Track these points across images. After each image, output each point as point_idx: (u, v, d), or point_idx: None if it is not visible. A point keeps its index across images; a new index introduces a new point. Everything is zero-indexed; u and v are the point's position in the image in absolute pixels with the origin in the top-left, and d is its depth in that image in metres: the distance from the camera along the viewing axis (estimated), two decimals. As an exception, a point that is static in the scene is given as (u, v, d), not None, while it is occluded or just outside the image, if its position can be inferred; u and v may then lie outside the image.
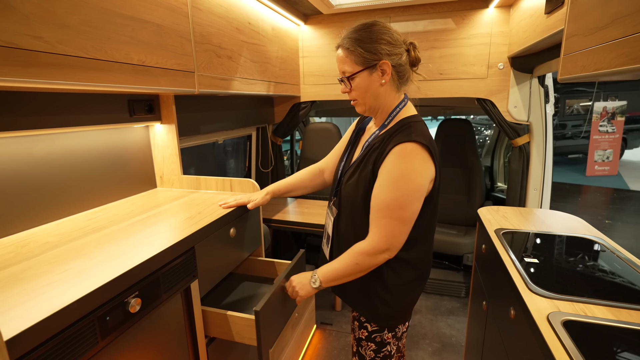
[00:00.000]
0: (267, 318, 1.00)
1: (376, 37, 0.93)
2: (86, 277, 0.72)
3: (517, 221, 1.44)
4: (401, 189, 0.89)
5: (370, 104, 1.00)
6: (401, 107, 1.01)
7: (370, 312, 1.03)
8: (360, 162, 1.00)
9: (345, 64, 0.97)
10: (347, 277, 0.98)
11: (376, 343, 1.06)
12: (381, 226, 0.91)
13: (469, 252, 2.55)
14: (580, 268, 1.05)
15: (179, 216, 1.10)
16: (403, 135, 0.91)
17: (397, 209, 0.90)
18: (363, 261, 0.94)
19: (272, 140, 2.64)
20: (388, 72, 0.94)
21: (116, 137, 1.31)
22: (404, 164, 0.89)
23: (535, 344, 0.79)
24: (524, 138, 2.08)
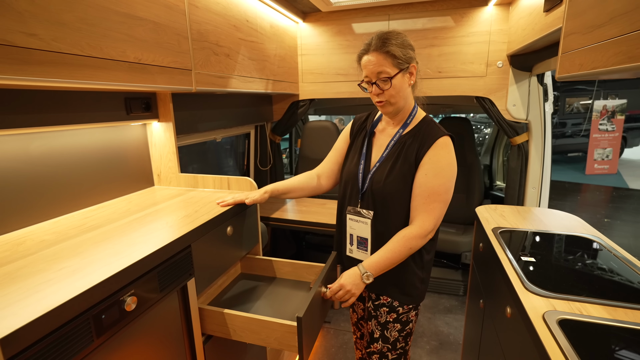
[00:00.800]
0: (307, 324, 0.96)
1: (407, 43, 1.06)
2: (82, 275, 0.72)
3: (514, 220, 1.44)
4: (447, 176, 1.04)
5: (399, 104, 1.08)
6: (417, 109, 1.15)
7: (407, 293, 1.13)
8: (396, 158, 1.09)
9: (384, 66, 1.04)
10: (393, 264, 1.06)
11: (402, 323, 1.16)
12: (430, 210, 1.04)
13: (467, 250, 2.55)
14: (577, 267, 1.06)
15: (176, 214, 1.10)
16: (437, 131, 1.07)
17: (444, 194, 1.04)
18: (416, 244, 1.04)
19: (271, 138, 2.63)
20: (414, 74, 1.07)
21: (113, 135, 1.31)
22: (447, 153, 1.05)
23: (530, 343, 0.79)
24: (522, 137, 2.08)
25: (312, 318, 1.02)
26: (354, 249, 1.19)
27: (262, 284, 1.32)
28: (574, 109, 8.39)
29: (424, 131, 1.09)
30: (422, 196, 1.05)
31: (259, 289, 1.27)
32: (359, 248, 1.18)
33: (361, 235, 1.16)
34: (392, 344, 1.17)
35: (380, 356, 1.20)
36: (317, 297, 1.03)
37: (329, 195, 2.77)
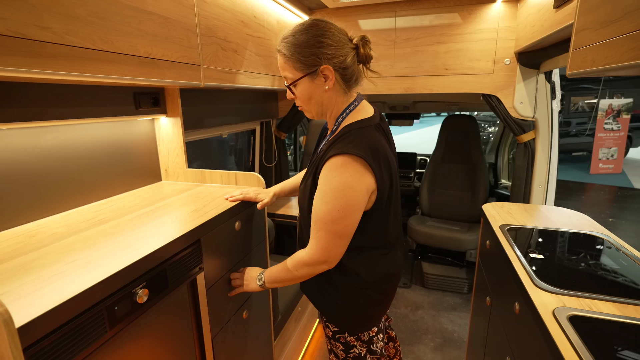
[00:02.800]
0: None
1: (314, 41, 0.87)
2: (94, 267, 0.72)
3: (522, 217, 1.43)
4: (332, 204, 0.85)
5: (316, 110, 0.96)
6: (349, 111, 0.95)
7: (328, 312, 1.03)
8: (309, 169, 0.98)
9: (285, 70, 0.93)
10: (288, 282, 1.00)
11: (342, 344, 1.05)
12: (317, 238, 0.90)
13: (472, 248, 2.55)
14: (586, 264, 1.05)
15: (185, 209, 1.10)
16: (338, 147, 0.86)
17: (330, 223, 0.87)
18: (302, 270, 0.95)
19: (276, 134, 2.63)
20: (331, 77, 0.89)
21: (122, 130, 1.31)
22: (334, 178, 0.85)
23: (540, 339, 0.79)
24: (529, 134, 2.07)
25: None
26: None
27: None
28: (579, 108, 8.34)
29: (332, 144, 0.89)
30: (313, 220, 0.90)
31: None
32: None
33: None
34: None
35: None
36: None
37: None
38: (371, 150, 0.86)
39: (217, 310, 1.11)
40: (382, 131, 0.96)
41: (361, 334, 1.02)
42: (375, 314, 1.03)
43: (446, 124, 2.94)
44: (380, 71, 2.25)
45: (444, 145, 2.95)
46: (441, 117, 16.81)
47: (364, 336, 1.03)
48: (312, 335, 2.19)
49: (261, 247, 1.39)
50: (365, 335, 1.03)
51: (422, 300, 2.55)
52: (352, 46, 0.92)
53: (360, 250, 0.95)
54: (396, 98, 2.97)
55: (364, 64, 0.96)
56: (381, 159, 0.88)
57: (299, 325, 1.95)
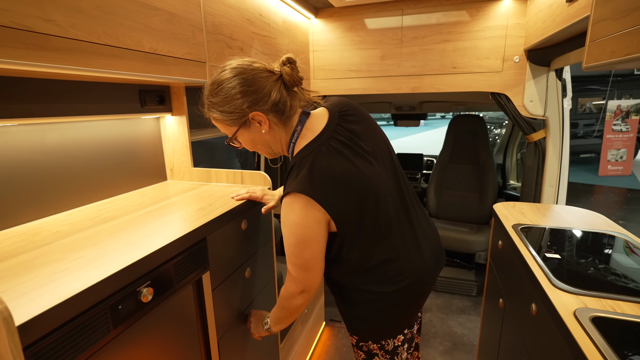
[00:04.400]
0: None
1: (230, 96, 0.85)
2: (98, 265, 0.70)
3: (534, 217, 1.39)
4: (288, 240, 0.88)
5: (267, 151, 0.96)
6: (295, 140, 0.92)
7: (350, 323, 1.02)
8: None
9: (221, 128, 0.94)
10: (283, 320, 1.03)
11: (364, 352, 1.03)
12: (289, 271, 0.93)
13: (481, 250, 2.51)
14: (605, 264, 1.01)
15: (190, 207, 1.08)
16: (286, 185, 0.87)
17: (292, 257, 0.89)
18: (287, 304, 0.97)
19: (282, 135, 2.62)
20: (264, 120, 0.87)
21: (127, 129, 1.30)
22: (285, 217, 0.86)
23: (560, 341, 0.76)
24: (539, 133, 2.03)
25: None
26: None
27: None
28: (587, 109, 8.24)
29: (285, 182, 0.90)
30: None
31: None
32: None
33: None
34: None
35: None
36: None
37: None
38: (316, 179, 0.82)
39: (223, 311, 1.08)
40: (337, 143, 0.87)
41: (384, 342, 0.99)
42: (399, 321, 0.98)
43: (453, 124, 2.90)
44: (387, 71, 2.23)
45: (451, 145, 2.91)
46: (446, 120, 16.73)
47: (388, 345, 0.99)
48: (318, 338, 2.15)
49: (267, 247, 1.36)
50: (389, 343, 0.99)
51: (430, 303, 2.50)
52: (274, 78, 0.87)
53: (357, 267, 0.92)
54: (402, 98, 2.94)
55: (297, 86, 0.91)
56: (330, 184, 0.83)
57: (305, 328, 1.91)
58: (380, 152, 0.95)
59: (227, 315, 1.11)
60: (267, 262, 1.37)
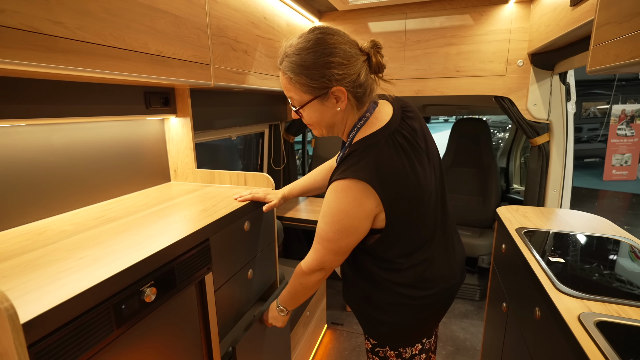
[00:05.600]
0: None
1: (323, 61, 0.77)
2: (102, 264, 0.70)
3: (538, 221, 1.39)
4: (330, 225, 0.84)
5: (327, 131, 0.91)
6: (360, 126, 0.87)
7: (370, 326, 0.98)
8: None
9: (290, 92, 0.84)
10: (298, 297, 1.01)
11: (380, 358, 1.00)
12: (315, 250, 0.90)
13: (484, 254, 2.49)
14: (610, 268, 1.01)
15: (194, 208, 1.09)
16: (342, 170, 0.82)
17: (326, 241, 0.86)
18: (304, 280, 0.95)
19: (285, 138, 2.62)
20: (343, 98, 0.81)
21: (132, 130, 1.31)
22: (333, 202, 0.82)
23: (564, 345, 0.75)
24: (543, 137, 2.03)
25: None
26: None
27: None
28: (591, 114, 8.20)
29: (339, 165, 0.86)
30: (316, 231, 0.90)
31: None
32: None
33: None
34: None
35: None
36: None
37: (343, 195, 2.74)
38: (378, 170, 0.79)
39: (226, 312, 1.08)
40: (401, 138, 0.84)
41: (402, 350, 0.96)
42: (421, 329, 0.96)
43: (456, 127, 2.90)
44: (390, 74, 2.23)
45: (454, 149, 2.90)
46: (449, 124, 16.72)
47: (405, 353, 0.96)
48: (320, 340, 2.15)
49: (270, 248, 1.36)
50: (407, 352, 0.96)
51: (432, 307, 2.49)
52: (363, 58, 0.82)
53: (385, 266, 0.90)
54: (405, 101, 2.94)
55: (377, 74, 0.87)
56: (391, 177, 0.80)
57: (307, 331, 1.91)
58: (432, 153, 0.93)
59: (230, 316, 1.11)
60: (270, 264, 1.37)
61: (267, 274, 1.35)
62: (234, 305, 1.13)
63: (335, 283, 2.82)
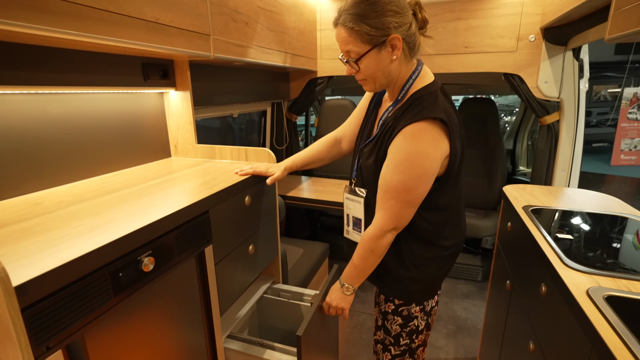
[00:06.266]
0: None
1: (382, 9, 0.82)
2: (99, 232, 0.69)
3: (546, 199, 1.36)
4: (407, 172, 0.85)
5: (381, 82, 0.92)
6: (415, 78, 0.92)
7: (400, 287, 1.01)
8: (377, 141, 0.94)
9: (349, 44, 0.87)
10: (368, 268, 0.97)
11: (403, 317, 1.04)
12: (387, 208, 0.89)
13: (487, 234, 2.48)
14: (620, 245, 0.98)
15: (193, 182, 1.07)
16: (413, 114, 0.85)
17: (403, 192, 0.87)
18: (376, 246, 0.92)
19: (287, 117, 2.58)
20: (399, 46, 0.85)
21: (131, 103, 1.28)
22: (411, 146, 0.84)
23: (571, 321, 0.73)
24: (553, 116, 1.97)
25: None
26: (350, 230, 1.11)
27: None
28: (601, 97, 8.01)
29: (403, 112, 0.88)
30: (381, 190, 0.90)
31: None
32: (354, 229, 1.09)
33: (355, 216, 1.07)
34: (394, 338, 1.08)
35: (383, 348, 1.12)
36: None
37: (346, 175, 2.72)
38: (444, 114, 0.84)
39: (226, 286, 1.08)
40: (447, 95, 0.93)
41: (426, 304, 1.04)
42: (442, 278, 1.05)
43: (463, 107, 2.83)
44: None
45: (460, 129, 2.84)
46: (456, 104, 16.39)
47: (427, 306, 1.04)
48: (322, 319, 2.16)
49: (271, 224, 1.35)
50: (429, 304, 1.04)
51: (434, 288, 2.50)
52: (411, 12, 0.87)
53: (432, 217, 0.95)
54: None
55: (421, 29, 0.91)
56: (453, 123, 0.86)
57: (309, 308, 1.92)
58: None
59: (230, 290, 1.10)
60: (271, 239, 1.36)
61: (268, 250, 1.34)
62: (235, 279, 1.13)
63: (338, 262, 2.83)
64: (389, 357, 1.11)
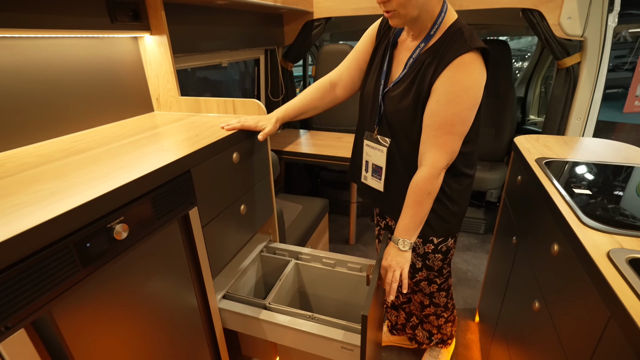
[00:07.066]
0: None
1: None
2: (60, 198, 0.61)
3: (561, 150, 1.25)
4: (463, 103, 0.86)
5: (411, 15, 0.86)
6: (444, 14, 0.90)
7: (442, 225, 1.06)
8: (412, 81, 0.92)
9: None
10: (426, 214, 0.96)
11: (443, 252, 1.14)
12: (441, 144, 0.89)
13: (493, 187, 2.40)
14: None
15: (174, 138, 0.97)
16: (458, 46, 0.85)
17: (458, 125, 0.88)
18: (433, 187, 0.92)
19: (282, 65, 2.39)
20: None
21: (101, 50, 1.13)
22: (465, 77, 0.85)
23: (586, 284, 0.67)
24: (573, 58, 1.78)
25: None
26: (368, 176, 1.12)
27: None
28: (621, 38, 7.46)
29: (445, 46, 0.87)
30: (432, 127, 0.89)
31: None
32: (373, 176, 1.10)
33: (376, 163, 1.07)
34: (438, 271, 1.20)
35: (428, 282, 1.24)
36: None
37: (346, 128, 2.59)
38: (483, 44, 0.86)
39: (217, 248, 1.02)
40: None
41: (457, 234, 1.14)
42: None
43: (474, 51, 2.60)
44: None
45: (469, 76, 2.64)
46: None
47: (458, 235, 1.16)
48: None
49: (265, 182, 1.27)
50: (457, 235, 1.15)
51: (435, 241, 2.48)
52: None
53: (464, 148, 0.97)
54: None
55: None
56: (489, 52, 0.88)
57: (309, 264, 1.92)
58: None
59: (223, 252, 1.05)
60: (265, 198, 1.28)
61: (263, 209, 1.28)
62: (227, 241, 1.07)
63: (339, 218, 2.81)
64: (435, 287, 1.25)
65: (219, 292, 1.10)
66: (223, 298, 1.10)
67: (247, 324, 1.05)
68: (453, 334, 1.49)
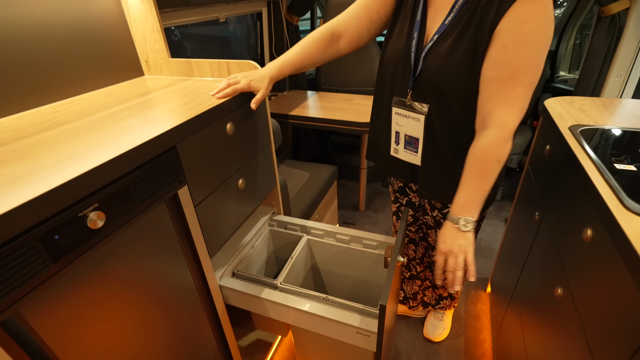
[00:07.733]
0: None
1: None
2: (21, 185, 0.54)
3: (600, 116, 1.10)
4: (537, 46, 0.71)
5: None
6: None
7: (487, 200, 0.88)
8: (465, 27, 0.77)
9: None
10: (491, 186, 0.81)
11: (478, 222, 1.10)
12: (512, 99, 0.74)
13: (514, 152, 2.25)
14: (699, 178, 0.77)
15: (160, 108, 0.87)
16: None
17: (532, 72, 0.73)
18: (504, 153, 0.78)
19: (287, 19, 2.18)
20: None
21: (78, 7, 1.00)
22: (540, 10, 0.69)
23: (626, 279, 0.58)
24: (621, 3, 1.54)
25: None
26: (400, 149, 0.99)
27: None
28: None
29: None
30: (500, 80, 0.74)
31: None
32: (406, 148, 0.97)
33: (410, 134, 0.94)
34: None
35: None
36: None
37: (356, 89, 2.42)
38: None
39: (214, 227, 0.96)
40: None
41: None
42: None
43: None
44: None
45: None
46: None
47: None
48: (331, 240, 2.14)
49: (265, 153, 1.17)
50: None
51: (449, 208, 2.40)
52: None
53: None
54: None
55: None
56: None
57: (316, 233, 1.87)
58: None
59: (221, 231, 1.00)
60: (266, 170, 1.20)
61: (264, 182, 1.20)
62: (225, 218, 1.01)
63: (348, 183, 2.73)
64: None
65: (220, 269, 1.06)
66: (233, 277, 1.06)
67: (257, 304, 1.01)
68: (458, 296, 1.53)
